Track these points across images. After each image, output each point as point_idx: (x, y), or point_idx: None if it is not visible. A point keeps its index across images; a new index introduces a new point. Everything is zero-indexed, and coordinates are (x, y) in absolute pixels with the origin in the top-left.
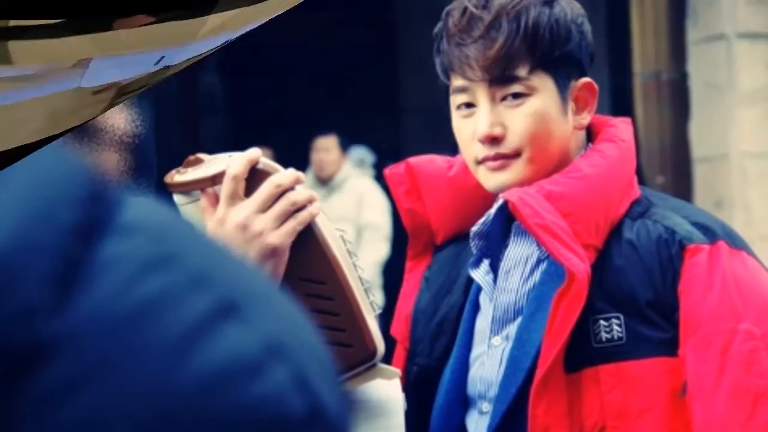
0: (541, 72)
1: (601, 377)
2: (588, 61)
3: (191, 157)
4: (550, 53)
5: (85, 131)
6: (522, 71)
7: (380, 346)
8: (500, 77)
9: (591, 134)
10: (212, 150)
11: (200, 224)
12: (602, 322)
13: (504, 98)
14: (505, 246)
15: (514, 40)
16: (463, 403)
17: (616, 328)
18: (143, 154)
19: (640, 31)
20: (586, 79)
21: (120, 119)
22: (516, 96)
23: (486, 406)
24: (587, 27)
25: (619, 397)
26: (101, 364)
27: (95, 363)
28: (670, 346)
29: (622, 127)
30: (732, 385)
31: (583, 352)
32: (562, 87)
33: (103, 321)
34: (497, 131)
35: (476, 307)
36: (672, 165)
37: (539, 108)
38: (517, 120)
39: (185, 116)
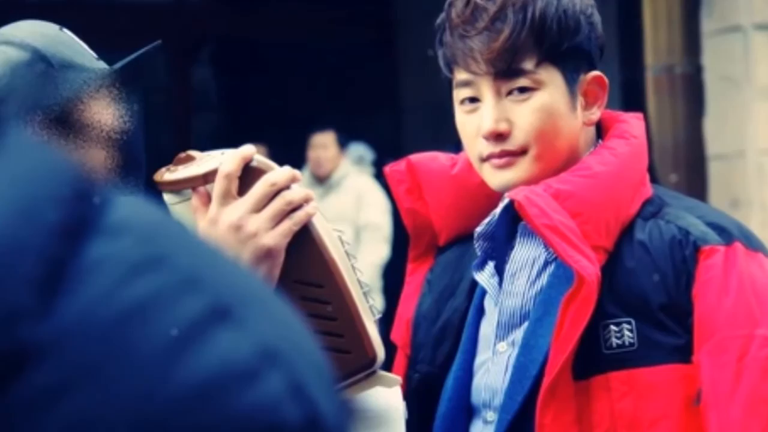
0: (549, 65)
1: (612, 385)
2: (598, 53)
3: (182, 155)
4: (557, 45)
5: (71, 127)
6: (528, 64)
7: (380, 352)
8: (506, 70)
9: (601, 130)
10: (204, 147)
11: (191, 224)
12: (613, 327)
13: (510, 92)
14: (511, 247)
15: (520, 31)
16: (466, 411)
17: (627, 333)
18: (132, 151)
19: (653, 22)
20: (595, 73)
21: (108, 115)
22: (522, 90)
23: (491, 415)
24: (597, 18)
25: (630, 406)
26: (88, 369)
27: (82, 368)
28: (683, 352)
29: (633, 122)
30: (749, 392)
31: (592, 358)
32: (571, 81)
33: (90, 325)
34: (503, 127)
35: (481, 312)
36: (686, 162)
37: (546, 103)
38: (524, 115)
39: (176, 112)
